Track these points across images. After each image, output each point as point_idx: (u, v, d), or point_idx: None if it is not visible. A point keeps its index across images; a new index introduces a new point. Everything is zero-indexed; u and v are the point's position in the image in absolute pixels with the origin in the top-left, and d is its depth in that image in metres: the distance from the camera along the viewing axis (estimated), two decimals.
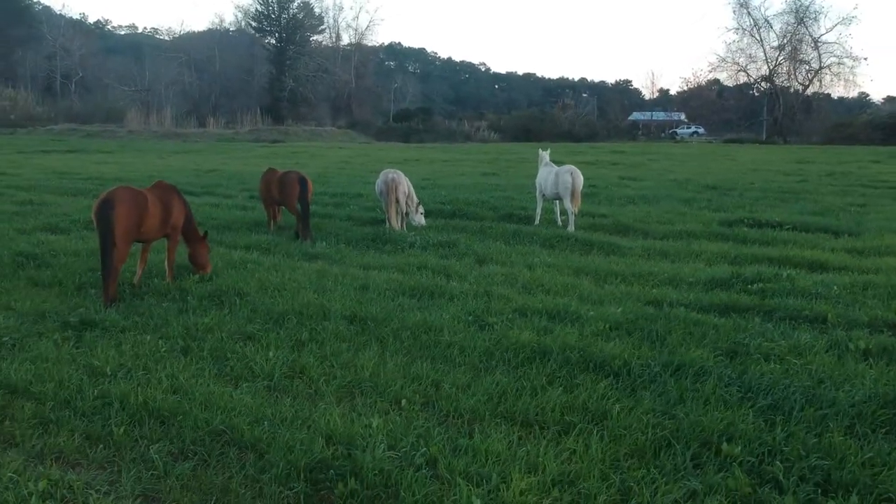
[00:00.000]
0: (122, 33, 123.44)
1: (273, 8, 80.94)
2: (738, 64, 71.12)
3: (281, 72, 78.44)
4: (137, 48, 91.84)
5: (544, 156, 13.43)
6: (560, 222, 12.99)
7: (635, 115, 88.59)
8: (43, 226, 11.90)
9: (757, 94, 74.59)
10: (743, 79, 73.01)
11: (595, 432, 4.36)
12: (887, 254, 9.97)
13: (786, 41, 68.36)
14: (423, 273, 8.60)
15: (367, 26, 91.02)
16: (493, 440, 4.23)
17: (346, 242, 10.78)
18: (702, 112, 78.54)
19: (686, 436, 4.28)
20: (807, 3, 66.28)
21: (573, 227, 12.07)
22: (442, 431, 4.40)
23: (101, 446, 4.29)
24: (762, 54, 69.95)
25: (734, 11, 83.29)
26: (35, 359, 5.58)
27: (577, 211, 12.33)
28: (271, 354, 5.64)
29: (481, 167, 28.67)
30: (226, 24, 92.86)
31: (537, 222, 12.98)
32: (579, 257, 9.91)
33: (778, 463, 3.97)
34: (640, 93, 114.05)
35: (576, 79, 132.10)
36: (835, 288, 7.65)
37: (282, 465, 3.98)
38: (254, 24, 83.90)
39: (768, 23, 69.51)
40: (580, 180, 12.34)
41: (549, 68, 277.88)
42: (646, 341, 6.01)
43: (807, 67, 68.73)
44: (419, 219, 12.18)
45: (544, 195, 12.94)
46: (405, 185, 11.90)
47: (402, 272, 8.67)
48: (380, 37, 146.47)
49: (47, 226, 11.92)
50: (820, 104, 69.33)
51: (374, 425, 4.38)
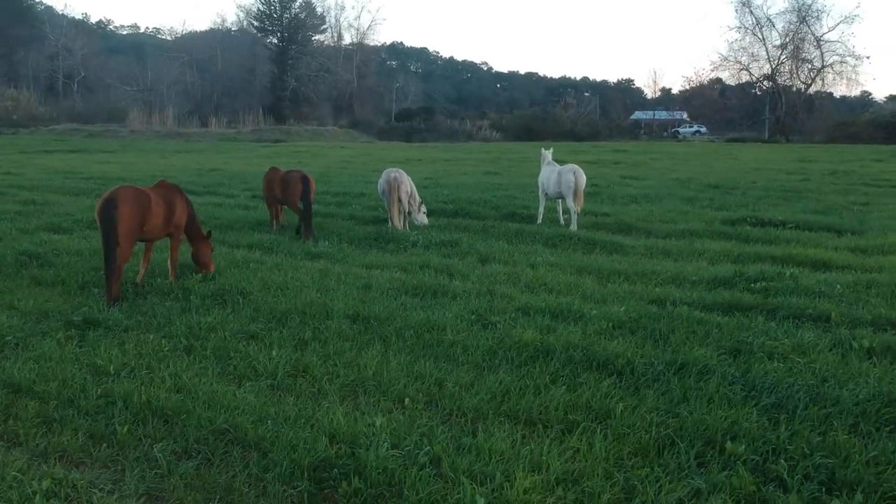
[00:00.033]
0: (125, 33, 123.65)
1: (275, 7, 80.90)
2: (740, 63, 71.03)
3: (283, 71, 78.43)
4: (139, 48, 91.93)
5: (547, 155, 13.43)
6: (562, 221, 12.98)
7: (637, 115, 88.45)
8: (46, 225, 11.91)
9: (759, 92, 74.42)
10: (745, 78, 72.91)
11: (598, 431, 4.36)
12: (890, 252, 9.95)
13: (788, 40, 68.24)
14: (425, 272, 8.60)
15: (369, 26, 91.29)
16: (497, 439, 4.23)
17: (349, 241, 10.78)
18: (704, 111, 78.50)
19: (690, 434, 4.28)
20: (809, 2, 66.15)
21: (576, 226, 12.05)
22: (445, 430, 4.40)
23: (105, 445, 4.29)
24: (764, 53, 69.87)
25: (736, 10, 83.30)
26: (38, 358, 5.59)
27: (579, 210, 12.32)
28: (274, 353, 5.64)
29: (483, 166, 28.66)
30: (228, 24, 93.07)
31: (540, 221, 12.97)
32: (582, 256, 9.91)
33: (782, 461, 3.96)
34: (643, 92, 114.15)
35: (578, 78, 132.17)
36: (838, 286, 7.64)
37: (285, 463, 3.99)
38: (256, 23, 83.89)
39: (770, 21, 69.45)
40: (583, 179, 12.33)
41: (551, 67, 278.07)
42: (649, 340, 6.01)
43: (809, 66, 68.63)
44: (421, 218, 12.17)
45: (547, 194, 12.93)
46: (407, 184, 11.89)
47: (404, 271, 8.67)
48: (382, 36, 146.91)
49: (50, 225, 11.93)
50: (822, 103, 69.16)
51: (377, 424, 4.38)
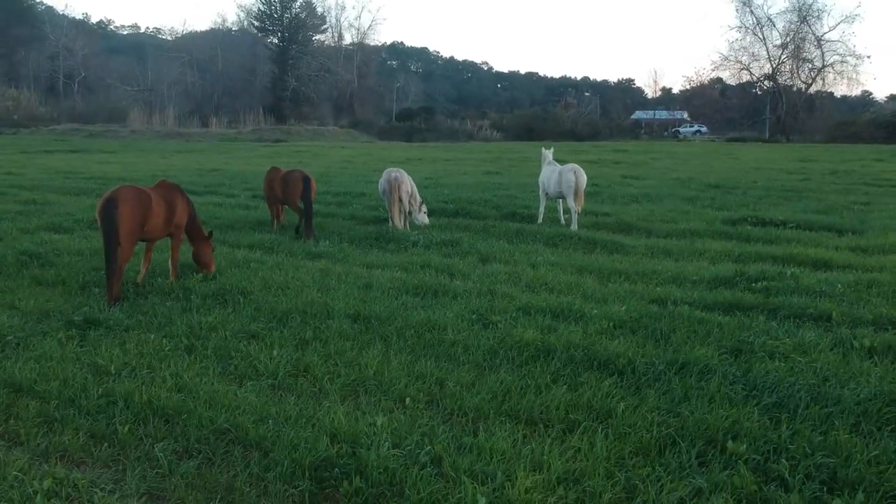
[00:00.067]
0: (125, 33, 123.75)
1: (275, 7, 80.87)
2: (740, 62, 70.97)
3: (283, 71, 78.42)
4: (140, 48, 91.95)
5: (547, 154, 13.43)
6: (563, 221, 12.98)
7: (638, 114, 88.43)
8: (46, 225, 11.92)
9: (760, 92, 74.36)
10: (746, 77, 72.85)
11: (600, 430, 4.36)
12: (891, 252, 9.95)
13: (789, 39, 68.17)
14: (426, 272, 8.60)
15: (370, 26, 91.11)
16: (498, 438, 4.23)
17: (350, 241, 10.78)
18: (704, 111, 78.45)
19: (691, 434, 4.28)
20: (810, 2, 66.08)
21: (576, 226, 12.05)
22: (446, 430, 4.40)
23: (106, 445, 4.29)
24: (765, 53, 69.79)
25: (737, 10, 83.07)
26: (39, 357, 5.59)
27: (580, 209, 12.31)
28: (275, 353, 5.64)
29: (484, 166, 28.66)
30: (228, 24, 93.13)
31: (540, 221, 12.97)
32: (583, 256, 9.90)
33: (783, 461, 3.96)
34: (643, 91, 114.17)
35: (578, 78, 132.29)
36: (839, 286, 7.63)
37: (286, 463, 3.98)
38: (256, 23, 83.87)
39: (771, 21, 69.39)
40: (583, 179, 12.32)
41: (552, 67, 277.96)
42: (650, 339, 6.01)
43: (810, 66, 68.56)
44: (422, 217, 12.16)
45: (547, 194, 12.92)
46: (408, 183, 11.89)
47: (405, 271, 8.67)
48: (382, 36, 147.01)
49: (51, 225, 11.93)
50: (823, 103, 69.11)
51: (378, 423, 4.38)
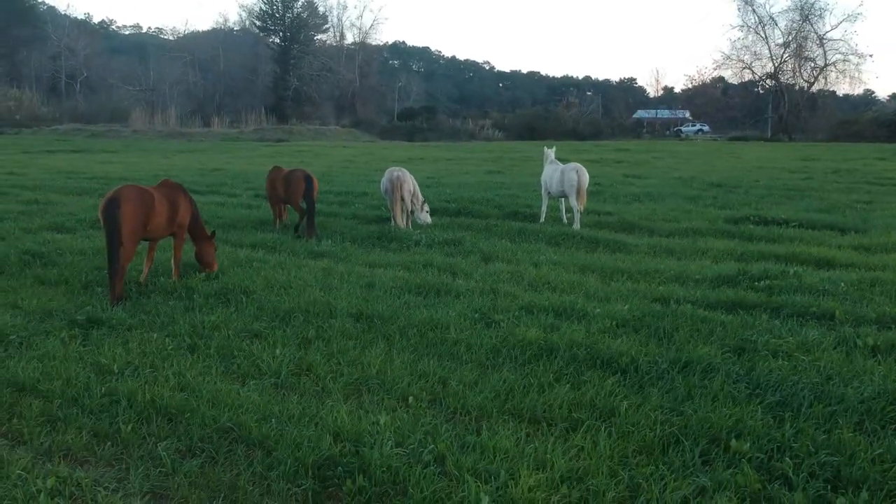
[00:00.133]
0: (127, 33, 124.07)
1: (277, 7, 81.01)
2: (742, 61, 70.98)
3: (285, 71, 78.51)
4: (142, 48, 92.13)
5: (549, 154, 13.43)
6: (565, 220, 12.97)
7: (640, 113, 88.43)
8: (49, 225, 11.93)
9: (762, 91, 74.34)
10: (748, 76, 72.89)
11: (603, 429, 4.35)
12: (894, 250, 9.94)
13: (791, 38, 68.16)
14: (428, 271, 8.60)
15: (371, 25, 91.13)
16: (501, 437, 4.23)
17: (352, 240, 10.78)
18: (706, 110, 78.33)
19: (694, 432, 4.27)
20: (812, 0, 66.13)
21: (578, 225, 12.04)
22: (449, 428, 4.40)
23: (109, 444, 4.30)
24: (767, 52, 69.78)
25: (739, 9, 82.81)
26: (42, 357, 5.59)
27: (582, 209, 12.31)
28: (278, 352, 5.64)
29: (486, 165, 28.67)
30: (230, 24, 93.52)
31: (543, 220, 12.96)
32: (585, 255, 9.90)
33: (787, 459, 3.95)
34: (645, 91, 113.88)
35: (580, 77, 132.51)
36: (842, 285, 7.62)
37: (289, 462, 3.98)
38: (258, 23, 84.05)
39: (773, 20, 69.44)
40: (586, 178, 12.31)
41: (554, 67, 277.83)
42: (653, 338, 6.00)
43: (812, 65, 68.53)
44: (424, 217, 12.16)
45: (550, 193, 12.92)
46: (410, 183, 11.89)
47: (407, 270, 8.67)
48: (384, 35, 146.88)
49: (53, 225, 11.95)
50: (825, 101, 69.07)
51: (381, 422, 4.38)
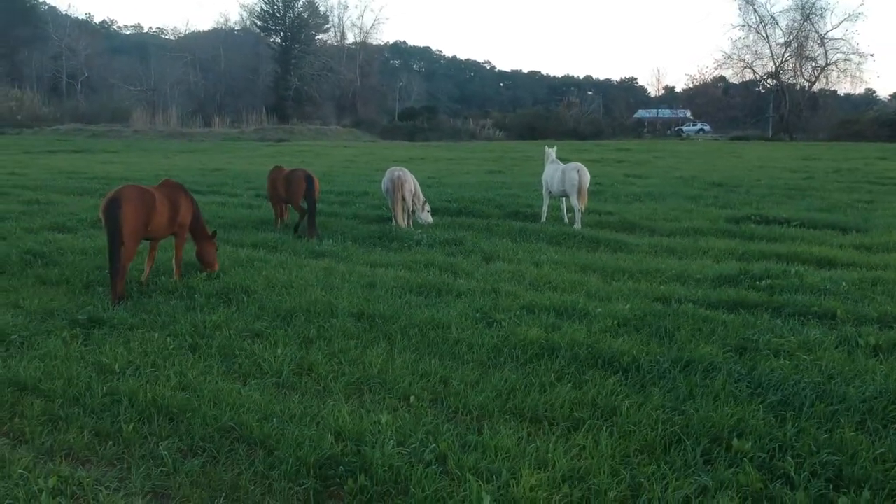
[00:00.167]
0: (128, 33, 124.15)
1: (278, 7, 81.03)
2: (743, 61, 70.84)
3: (286, 71, 78.53)
4: (143, 48, 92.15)
5: (550, 153, 13.42)
6: (567, 220, 12.97)
7: (641, 113, 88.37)
8: (50, 225, 11.94)
9: (763, 91, 74.23)
10: (749, 76, 72.75)
11: (604, 428, 4.35)
12: (895, 250, 9.93)
13: (792, 38, 68.03)
14: (430, 270, 8.60)
15: (372, 25, 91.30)
16: (503, 436, 4.22)
17: (353, 240, 10.78)
18: (707, 109, 78.30)
19: (696, 432, 4.27)
20: (813, 0, 66.05)
21: (580, 225, 12.04)
22: (451, 428, 4.40)
23: (111, 443, 4.30)
24: (768, 51, 69.65)
25: (740, 8, 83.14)
26: (44, 356, 5.60)
27: (583, 208, 12.30)
28: (279, 352, 5.65)
29: (487, 165, 28.66)
30: (231, 24, 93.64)
31: (544, 220, 12.95)
32: (586, 254, 9.89)
33: (789, 458, 3.95)
34: (646, 90, 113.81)
35: (581, 77, 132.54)
36: (843, 284, 7.61)
37: (291, 461, 3.98)
38: (259, 23, 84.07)
39: (774, 19, 69.38)
40: (587, 177, 12.30)
41: (554, 66, 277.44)
42: (654, 338, 5.99)
43: (813, 64, 68.40)
44: (426, 216, 12.16)
45: (551, 192, 12.91)
46: (411, 182, 11.89)
47: (409, 270, 8.67)
48: (385, 35, 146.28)
49: (54, 225, 11.95)
50: (826, 101, 68.97)
51: (382, 422, 4.38)
